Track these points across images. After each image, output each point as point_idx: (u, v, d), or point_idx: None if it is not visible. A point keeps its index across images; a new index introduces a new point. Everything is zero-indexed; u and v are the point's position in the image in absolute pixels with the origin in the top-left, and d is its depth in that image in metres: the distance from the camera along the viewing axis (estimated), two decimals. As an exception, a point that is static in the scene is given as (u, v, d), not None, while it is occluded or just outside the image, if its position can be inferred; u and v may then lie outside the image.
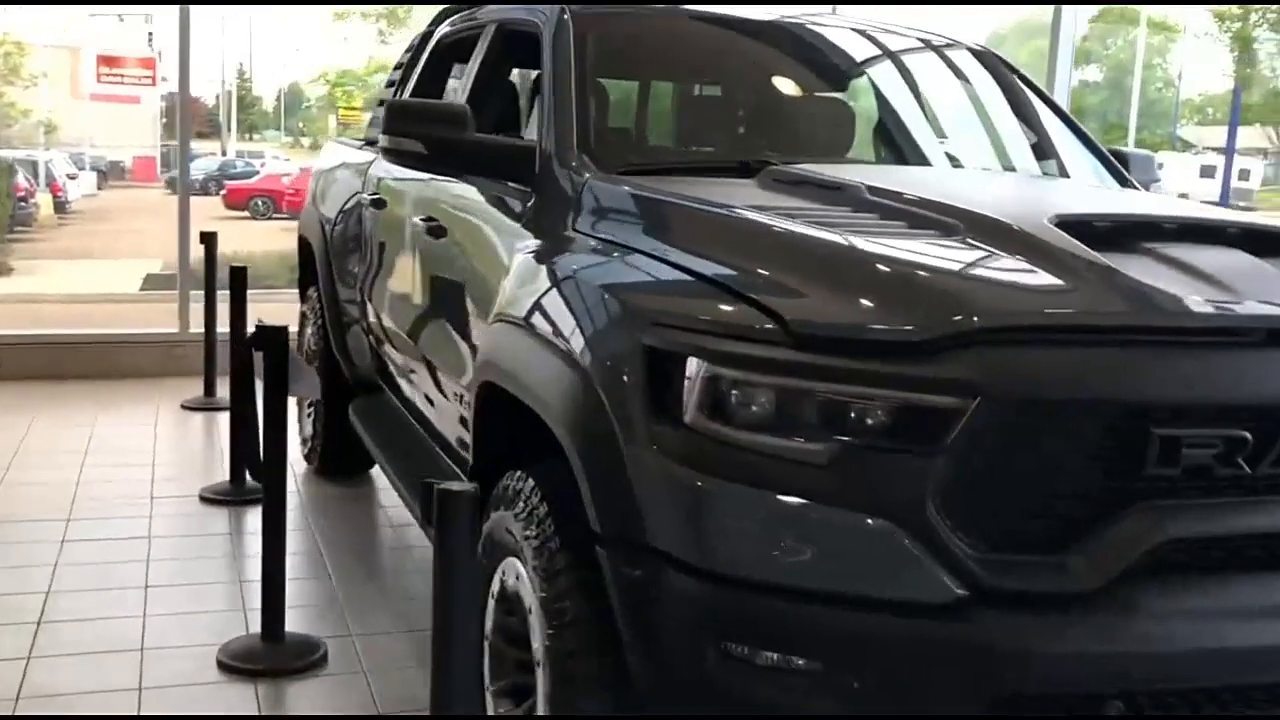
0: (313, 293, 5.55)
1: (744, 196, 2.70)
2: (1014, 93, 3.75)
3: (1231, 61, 22.64)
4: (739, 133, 3.40)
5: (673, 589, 2.13)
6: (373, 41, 16.26)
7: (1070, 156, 3.52)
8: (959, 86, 3.67)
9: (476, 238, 3.38)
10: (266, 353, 3.53)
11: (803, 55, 3.59)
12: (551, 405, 2.39)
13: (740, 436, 2.09)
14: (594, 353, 2.30)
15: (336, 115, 23.63)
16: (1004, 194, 2.89)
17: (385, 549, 4.75)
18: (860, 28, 3.73)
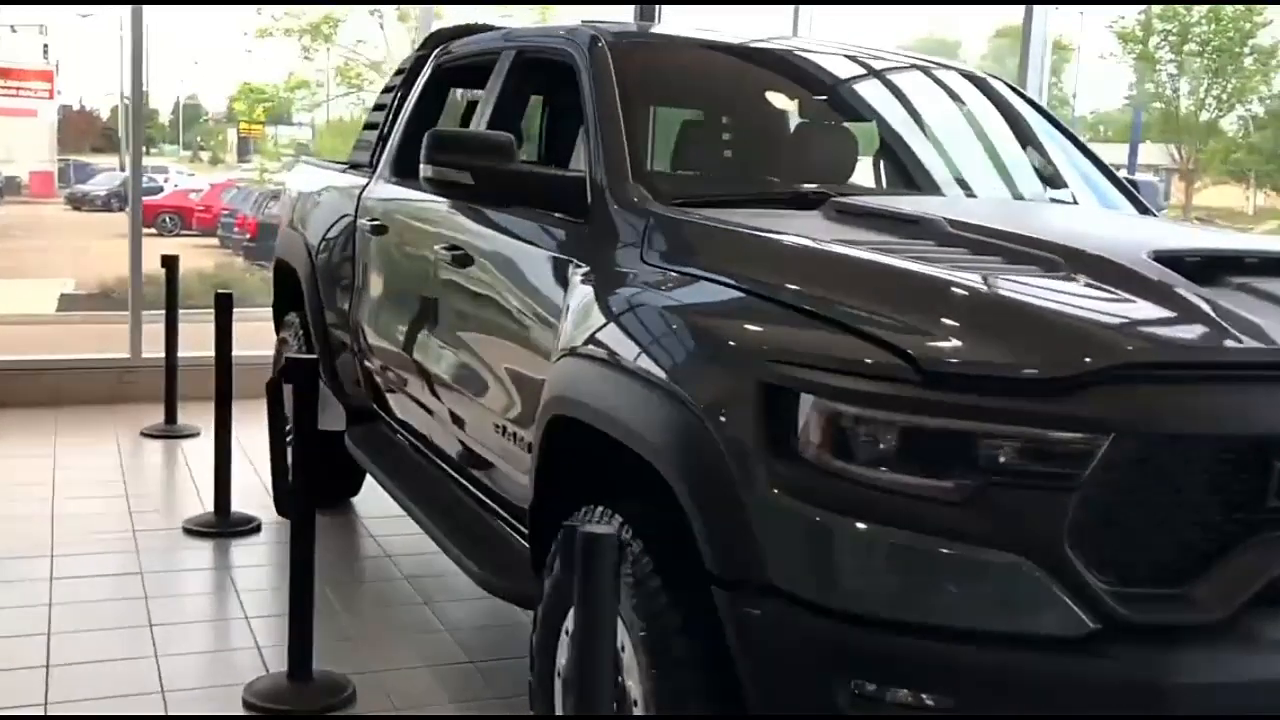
0: (292, 318, 5.45)
1: (820, 229, 2.71)
2: (1026, 120, 3.82)
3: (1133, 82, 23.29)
4: (784, 164, 3.41)
5: (799, 629, 2.13)
6: (294, 57, 16.00)
7: (1095, 184, 3.60)
8: (987, 115, 3.73)
9: (515, 268, 3.35)
10: (297, 385, 3.45)
11: (836, 85, 3.63)
12: (654, 443, 2.37)
13: (868, 474, 2.09)
14: (704, 390, 2.29)
15: (236, 130, 23.21)
16: (1086, 228, 2.93)
17: (385, 579, 4.67)
18: (884, 56, 3.77)
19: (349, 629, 4.14)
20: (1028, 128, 3.79)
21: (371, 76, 16.51)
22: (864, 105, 3.65)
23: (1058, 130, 3.83)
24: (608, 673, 2.00)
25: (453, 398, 3.75)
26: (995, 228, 2.57)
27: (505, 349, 3.35)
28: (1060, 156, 3.72)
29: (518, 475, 3.31)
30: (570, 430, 2.79)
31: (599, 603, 1.95)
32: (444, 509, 3.79)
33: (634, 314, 2.59)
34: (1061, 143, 3.79)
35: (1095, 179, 3.67)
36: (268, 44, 15.76)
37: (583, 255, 3.00)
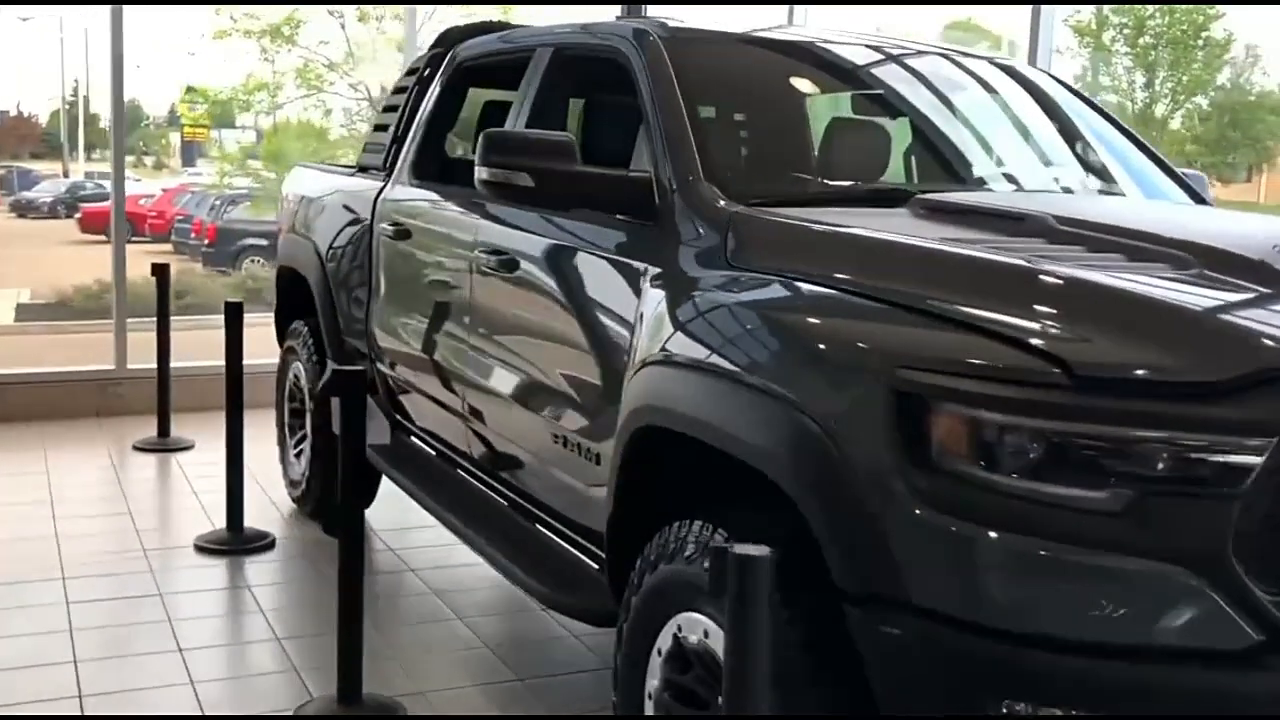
0: (300, 327, 5.29)
1: (917, 228, 2.62)
2: (1075, 111, 3.76)
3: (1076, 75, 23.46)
4: (853, 160, 3.31)
5: (944, 647, 2.04)
6: (251, 59, 15.72)
7: (1148, 175, 3.54)
8: (1038, 107, 3.66)
9: (572, 273, 3.23)
10: (344, 397, 3.32)
11: (889, 78, 3.54)
12: (774, 456, 2.27)
13: (1017, 484, 2.00)
14: (831, 399, 2.19)
15: (180, 133, 22.82)
16: (1199, 223, 2.86)
17: (411, 594, 4.53)
18: (930, 50, 3.70)
19: (383, 648, 4.00)
20: (1078, 119, 3.72)
21: (332, 78, 16.26)
22: (918, 99, 3.56)
23: (1108, 121, 3.77)
24: (764, 697, 1.90)
25: (496, 406, 3.63)
26: (1108, 224, 2.49)
27: (563, 356, 3.24)
28: (1116, 148, 3.66)
29: (581, 488, 3.20)
30: (657, 441, 2.69)
31: (754, 627, 1.85)
32: (491, 525, 3.67)
33: (737, 320, 2.48)
34: (1114, 134, 3.73)
35: (1149, 170, 3.61)
36: (225, 45, 15.44)
37: (656, 259, 2.89)
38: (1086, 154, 3.60)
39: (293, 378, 5.40)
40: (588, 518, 3.28)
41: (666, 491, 2.74)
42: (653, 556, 2.65)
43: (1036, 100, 3.71)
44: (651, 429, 2.67)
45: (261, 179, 16.54)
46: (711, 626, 2.45)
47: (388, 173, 4.77)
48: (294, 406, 5.43)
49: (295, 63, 15.91)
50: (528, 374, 3.44)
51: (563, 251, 3.30)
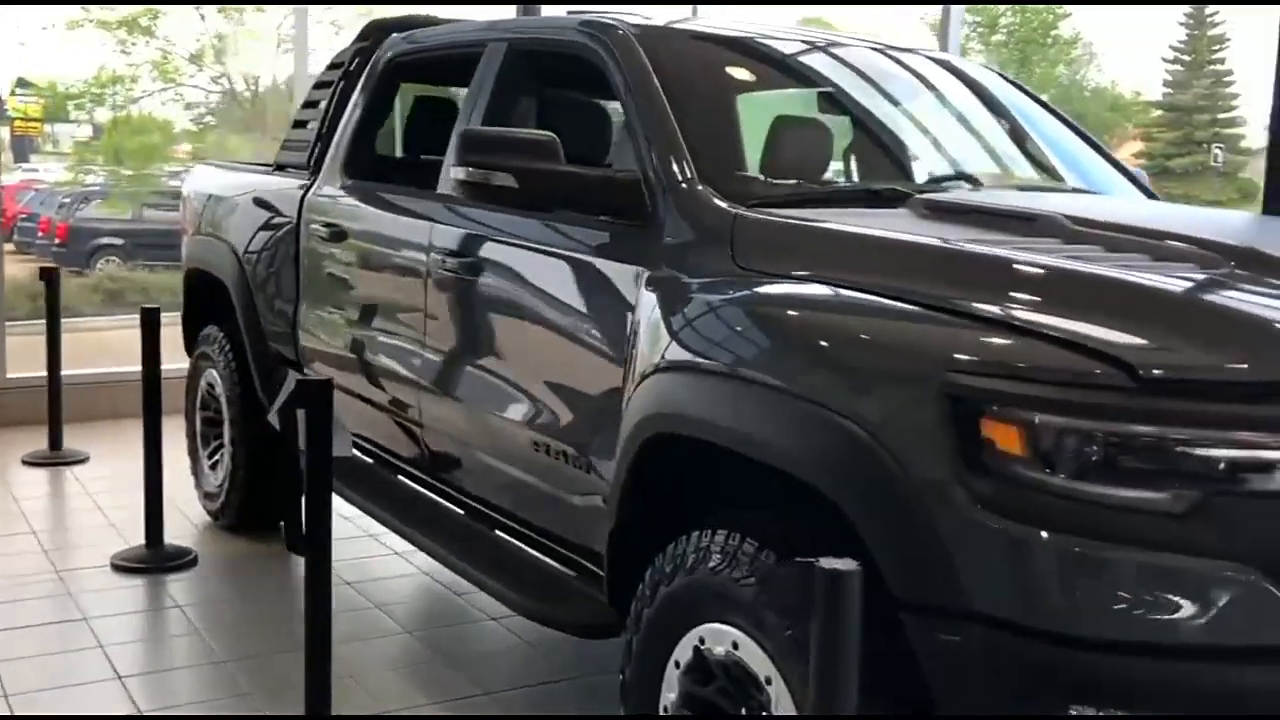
0: (214, 332, 5.07)
1: (926, 228, 2.61)
2: (1034, 109, 3.81)
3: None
4: (839, 158, 3.29)
5: (1008, 654, 2.02)
6: (106, 51, 15.10)
7: (1108, 172, 3.59)
8: (991, 103, 3.68)
9: (553, 276, 3.14)
10: (310, 409, 3.16)
11: (871, 77, 3.53)
12: (818, 464, 2.23)
13: (1079, 488, 1.99)
14: (874, 404, 2.15)
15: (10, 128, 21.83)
16: (1205, 222, 2.89)
17: (352, 609, 4.35)
18: (894, 47, 3.70)
19: (337, 668, 3.82)
20: (1031, 116, 3.77)
21: (191, 70, 15.73)
22: (888, 95, 3.56)
23: (1057, 119, 3.82)
24: (852, 713, 1.86)
25: (456, 413, 3.51)
26: (1121, 223, 2.51)
27: (542, 361, 3.15)
28: (1067, 145, 3.70)
29: (566, 497, 3.11)
30: (666, 450, 2.62)
31: (845, 643, 1.80)
32: (458, 538, 3.56)
33: (763, 325, 2.42)
34: (1063, 130, 3.78)
35: (1101, 166, 3.66)
36: (77, 36, 14.79)
37: (650, 262, 2.82)
38: (1042, 152, 3.64)
39: (206, 386, 5.17)
40: (571, 527, 3.20)
41: (673, 501, 2.68)
42: (667, 567, 2.58)
43: (988, 100, 3.74)
44: (664, 437, 2.60)
45: (117, 176, 15.90)
46: (741, 637, 2.39)
47: (313, 171, 4.60)
48: (208, 415, 5.20)
49: (153, 55, 15.34)
50: (498, 379, 3.33)
51: (538, 253, 3.20)
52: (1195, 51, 32.88)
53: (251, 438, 4.83)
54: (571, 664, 3.93)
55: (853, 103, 3.54)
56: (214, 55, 15.09)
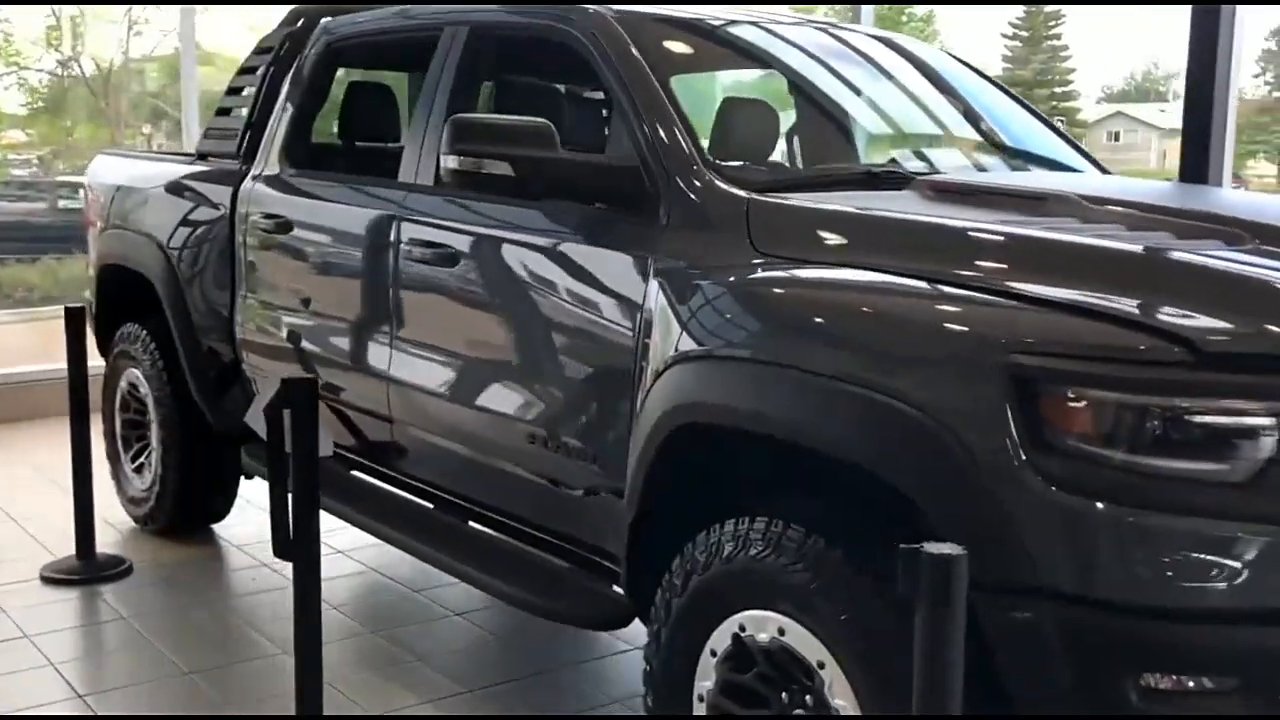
0: (134, 330, 4.86)
1: (942, 210, 2.63)
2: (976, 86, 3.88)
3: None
4: (813, 141, 3.29)
5: (1080, 627, 2.06)
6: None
7: (1067, 151, 3.68)
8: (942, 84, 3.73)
9: (545, 266, 3.08)
10: (295, 409, 3.05)
11: (849, 58, 3.54)
12: (874, 448, 2.23)
13: (1143, 462, 2.04)
14: (932, 387, 2.16)
15: None
16: (1206, 198, 2.96)
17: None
18: (842, 26, 3.72)
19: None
20: (982, 95, 3.83)
21: (38, 53, 15.05)
22: (883, 78, 3.58)
23: (1007, 96, 3.90)
24: (958, 701, 1.87)
25: (438, 407, 3.43)
26: (1135, 201, 2.57)
27: (541, 354, 3.09)
28: (1020, 122, 3.78)
29: (565, 489, 3.07)
30: (691, 438, 2.60)
31: (952, 629, 1.81)
32: (445, 538, 3.48)
33: (805, 312, 2.41)
34: (1015, 108, 3.86)
35: (1058, 144, 3.74)
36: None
37: (658, 250, 2.78)
38: (1013, 132, 3.70)
39: (126, 385, 4.95)
40: (570, 520, 3.16)
41: (693, 491, 2.67)
42: (700, 556, 2.57)
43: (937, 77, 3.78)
44: (691, 427, 2.58)
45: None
46: (788, 623, 2.39)
47: (244, 159, 4.43)
48: (130, 417, 4.98)
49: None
50: (484, 372, 3.26)
51: (531, 242, 3.13)
52: (1033, 28, 33.93)
53: (183, 439, 4.65)
54: (546, 655, 3.89)
55: (823, 82, 3.55)
56: (61, 38, 14.41)
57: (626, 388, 2.83)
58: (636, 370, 2.81)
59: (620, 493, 2.88)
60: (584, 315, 2.97)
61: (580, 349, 2.98)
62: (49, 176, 17.41)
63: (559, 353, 3.04)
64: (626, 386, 2.83)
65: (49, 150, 17.27)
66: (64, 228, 16.98)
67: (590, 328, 2.95)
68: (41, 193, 17.03)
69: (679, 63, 3.21)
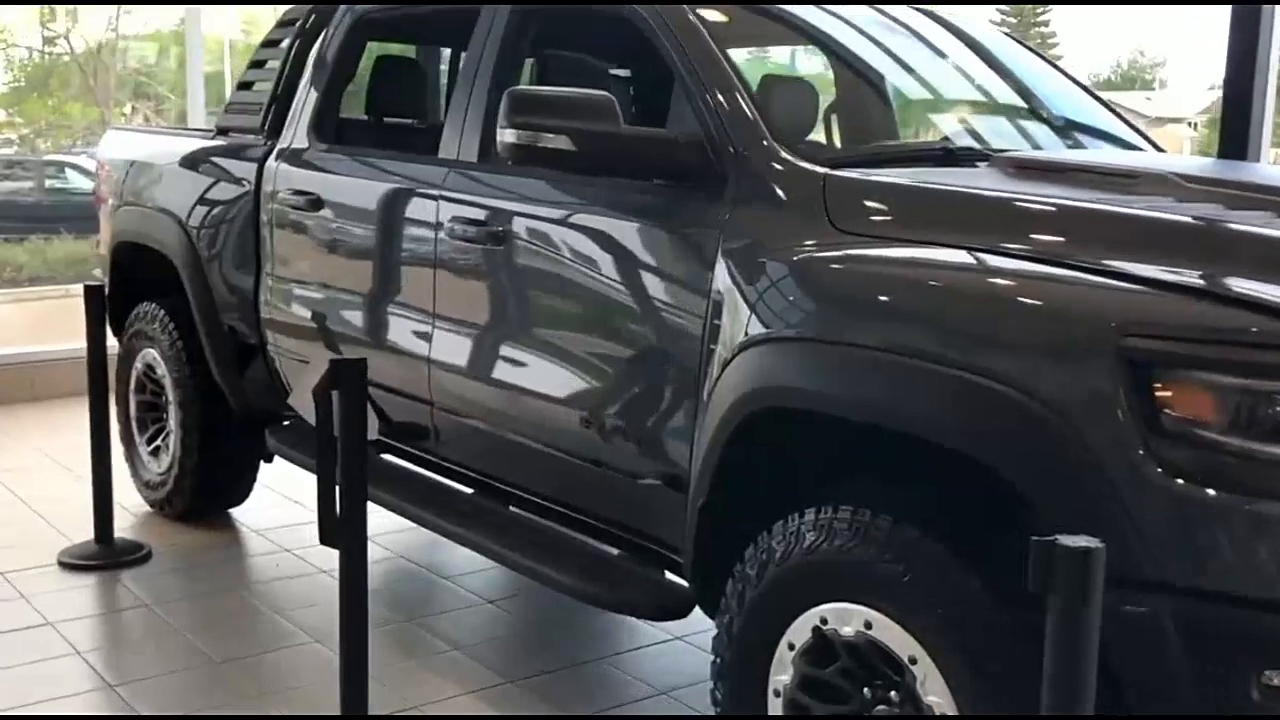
0: (151, 309, 4.73)
1: (1027, 188, 2.53)
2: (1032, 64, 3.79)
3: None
4: (881, 118, 3.19)
5: (1198, 622, 1.98)
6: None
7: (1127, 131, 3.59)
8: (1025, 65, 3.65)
9: (601, 244, 2.98)
10: (344, 392, 2.95)
11: (908, 36, 3.44)
12: (978, 434, 2.14)
13: (1262, 450, 1.96)
14: (1041, 371, 2.07)
15: None
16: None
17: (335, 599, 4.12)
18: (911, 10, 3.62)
19: (332, 659, 3.63)
20: (1031, 69, 3.74)
21: (27, 31, 14.86)
22: (947, 55, 3.48)
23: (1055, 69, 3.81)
24: (1091, 700, 1.78)
25: (486, 394, 3.32)
26: (1232, 179, 2.49)
27: (598, 335, 2.99)
28: (1078, 100, 3.69)
29: (621, 475, 2.98)
30: (764, 424, 2.52)
31: (1087, 625, 1.73)
32: (490, 524, 3.38)
33: (901, 293, 2.31)
34: (1064, 82, 3.77)
35: (1117, 124, 3.66)
36: None
37: (729, 228, 2.68)
38: (1079, 110, 3.61)
39: (143, 366, 4.83)
40: (620, 505, 3.07)
41: (761, 476, 2.59)
42: (777, 546, 2.48)
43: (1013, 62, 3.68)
44: (771, 411, 2.49)
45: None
46: (877, 617, 2.31)
47: (268, 135, 4.32)
48: (145, 399, 4.86)
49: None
50: (535, 353, 3.16)
51: (587, 220, 3.03)
52: (1020, 15, 33.91)
53: (203, 421, 4.54)
54: (585, 643, 3.81)
55: (874, 57, 3.45)
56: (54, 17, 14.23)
57: (691, 370, 2.74)
58: (703, 352, 2.71)
59: (679, 478, 2.79)
60: (644, 295, 2.87)
61: (640, 330, 2.88)
62: (35, 155, 17.19)
63: (616, 334, 2.94)
64: (691, 369, 2.74)
65: (30, 129, 17.03)
66: (51, 207, 16.80)
67: (651, 308, 2.86)
68: (28, 172, 16.80)
69: (739, 37, 3.11)
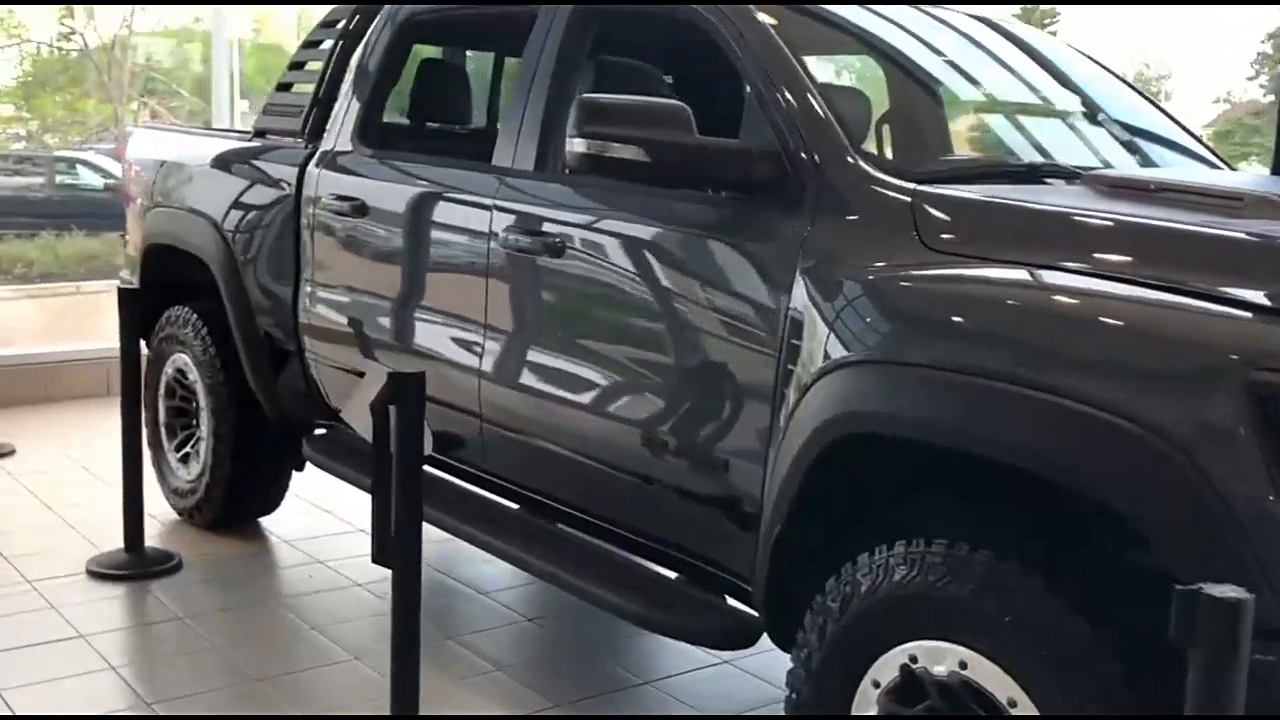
0: (183, 313, 4.64)
1: (1128, 209, 2.43)
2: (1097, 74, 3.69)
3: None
4: (970, 132, 3.10)
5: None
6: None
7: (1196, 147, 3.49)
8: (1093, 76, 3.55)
9: (676, 259, 2.89)
10: (403, 407, 2.85)
11: (967, 43, 3.34)
12: (1088, 468, 2.04)
13: None
14: (1160, 403, 1.97)
15: None
16: None
17: (374, 614, 4.01)
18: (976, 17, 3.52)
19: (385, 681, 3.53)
20: (1100, 85, 3.64)
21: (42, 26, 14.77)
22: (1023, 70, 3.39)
23: (1127, 86, 3.72)
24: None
25: (542, 409, 3.22)
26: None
27: (665, 352, 2.89)
28: (1149, 117, 3.59)
29: (682, 497, 2.88)
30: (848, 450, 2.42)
31: (1232, 678, 1.63)
32: (544, 544, 3.29)
33: (1005, 317, 2.20)
34: (1135, 99, 3.67)
35: (1185, 140, 3.55)
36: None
37: (809, 244, 2.58)
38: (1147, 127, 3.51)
39: (173, 371, 4.73)
40: (678, 528, 2.98)
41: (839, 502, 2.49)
42: (864, 577, 2.38)
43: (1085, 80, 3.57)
44: (858, 437, 2.39)
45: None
46: (972, 656, 2.21)
47: (309, 138, 4.22)
48: (175, 404, 4.76)
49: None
50: (595, 370, 3.06)
51: (653, 233, 2.94)
52: (1030, 21, 33.72)
53: (236, 428, 4.44)
54: (635, 666, 3.71)
55: (952, 71, 3.36)
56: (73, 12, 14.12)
57: (765, 391, 2.64)
58: (779, 373, 2.62)
59: (745, 501, 2.70)
60: (713, 310, 2.78)
61: (707, 346, 2.78)
62: (46, 151, 17.08)
63: (681, 349, 2.85)
64: (765, 390, 2.64)
65: (40, 124, 16.91)
66: (62, 203, 16.70)
67: (720, 324, 2.76)
68: (38, 167, 16.69)
69: (814, 45, 3.01)
